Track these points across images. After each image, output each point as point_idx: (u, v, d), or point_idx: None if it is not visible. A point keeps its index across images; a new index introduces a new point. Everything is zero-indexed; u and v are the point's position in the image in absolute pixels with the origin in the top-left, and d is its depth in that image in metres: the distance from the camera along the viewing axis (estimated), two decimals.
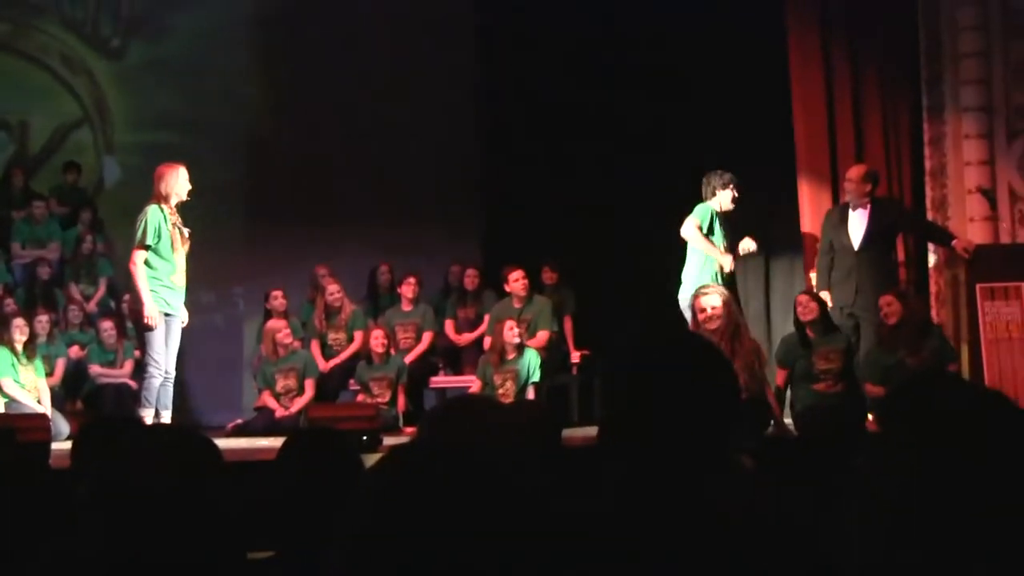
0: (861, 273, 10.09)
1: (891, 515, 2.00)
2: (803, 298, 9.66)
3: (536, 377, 10.56)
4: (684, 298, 9.99)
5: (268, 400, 10.98)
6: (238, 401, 12.67)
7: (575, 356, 11.87)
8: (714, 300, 9.02)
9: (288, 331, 11.17)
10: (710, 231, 10.37)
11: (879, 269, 10.21)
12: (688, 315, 9.58)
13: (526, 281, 11.37)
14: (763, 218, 11.17)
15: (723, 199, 10.44)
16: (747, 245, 10.53)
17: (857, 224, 10.28)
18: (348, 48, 13.73)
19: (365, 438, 8.33)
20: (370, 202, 13.44)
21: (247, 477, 3.20)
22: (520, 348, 10.64)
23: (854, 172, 10.54)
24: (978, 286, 9.42)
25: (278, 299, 12.00)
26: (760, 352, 9.38)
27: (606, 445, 2.38)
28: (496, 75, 13.66)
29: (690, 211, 10.57)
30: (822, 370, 9.24)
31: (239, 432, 10.60)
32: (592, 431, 7.81)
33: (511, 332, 10.59)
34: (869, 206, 10.31)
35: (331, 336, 11.65)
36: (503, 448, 2.99)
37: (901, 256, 11.26)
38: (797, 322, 9.58)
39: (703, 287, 9.43)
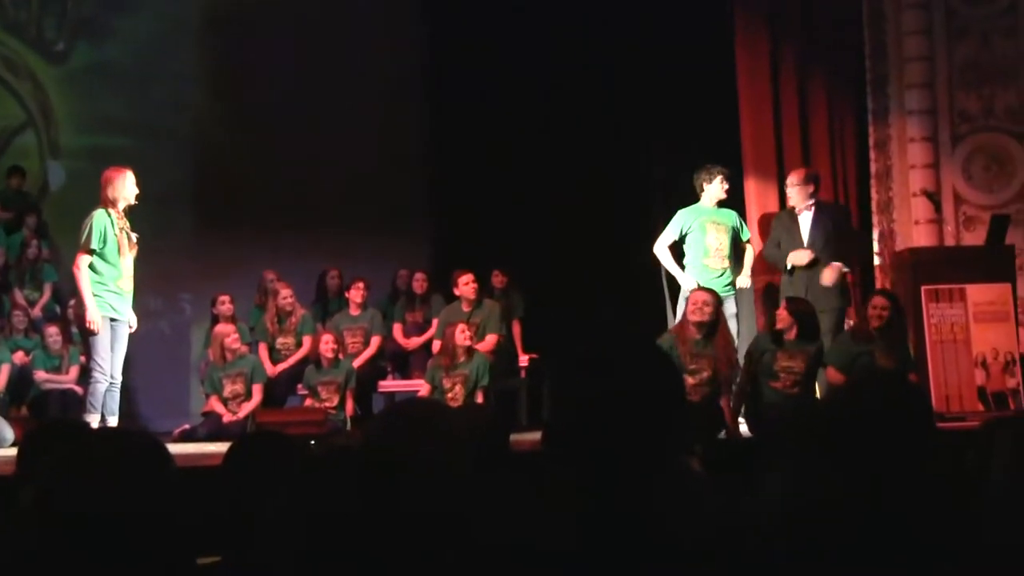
0: (811, 275, 10.16)
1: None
2: (780, 311, 9.61)
3: (485, 381, 10.55)
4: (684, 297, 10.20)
5: (215, 405, 10.91)
6: (185, 406, 12.61)
7: (523, 360, 11.89)
8: (707, 296, 9.12)
9: (236, 336, 11.11)
10: (685, 237, 10.45)
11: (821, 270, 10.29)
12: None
13: (476, 285, 11.37)
14: None
15: (712, 193, 10.46)
16: (742, 282, 10.61)
17: (804, 227, 10.34)
18: (297, 52, 13.69)
19: (313, 443, 8.31)
20: (319, 207, 13.42)
21: (194, 482, 3.19)
22: (470, 352, 10.62)
23: (796, 176, 10.59)
24: (923, 288, 9.47)
25: (225, 304, 11.97)
26: (734, 356, 9.43)
27: (551, 450, 2.39)
28: (446, 79, 13.68)
29: (638, 214, 10.66)
30: (783, 367, 9.22)
31: (186, 438, 10.52)
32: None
33: (462, 335, 10.57)
34: (813, 209, 10.38)
35: (279, 340, 11.60)
36: (449, 452, 3.00)
37: None
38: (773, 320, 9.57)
39: (700, 285, 9.61)
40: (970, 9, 11.69)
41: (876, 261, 11.77)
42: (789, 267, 10.21)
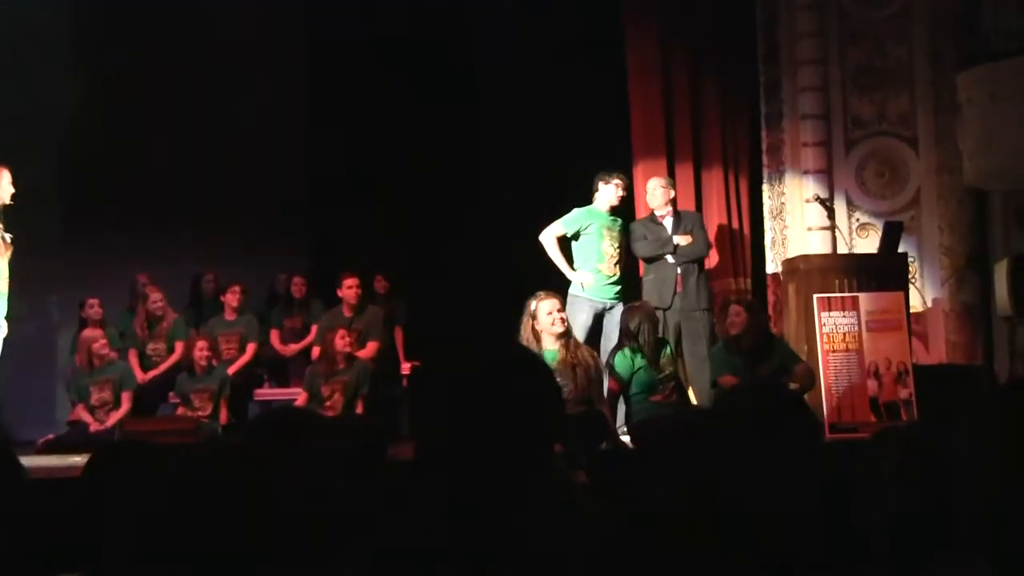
0: (687, 272, 10.34)
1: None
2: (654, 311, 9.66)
3: (365, 389, 10.50)
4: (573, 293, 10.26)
5: (82, 414, 10.75)
6: (51, 415, 12.38)
7: (406, 368, 11.86)
8: (558, 304, 9.02)
9: (104, 341, 10.95)
10: (578, 236, 10.45)
11: (694, 277, 10.42)
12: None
13: (359, 289, 11.31)
14: None
15: (605, 197, 10.49)
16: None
17: (668, 229, 10.49)
18: (173, 51, 13.51)
19: (183, 452, 8.20)
20: (195, 208, 13.25)
21: (53, 495, 3.13)
22: (350, 359, 10.57)
23: (656, 181, 10.77)
24: (816, 297, 9.55)
25: (94, 307, 11.77)
26: (598, 360, 9.37)
27: (423, 461, 2.36)
28: (325, 79, 13.60)
29: (526, 219, 10.66)
30: (661, 379, 9.26)
31: (51, 448, 10.32)
32: None
33: (343, 341, 10.51)
34: (672, 216, 10.55)
35: (150, 346, 11.47)
36: (321, 463, 2.97)
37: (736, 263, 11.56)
38: (636, 331, 9.43)
39: (541, 292, 9.41)
40: (863, 12, 11.84)
41: (770, 269, 11.86)
42: (672, 249, 10.37)
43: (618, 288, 10.42)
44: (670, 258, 10.43)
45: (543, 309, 8.97)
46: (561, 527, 2.21)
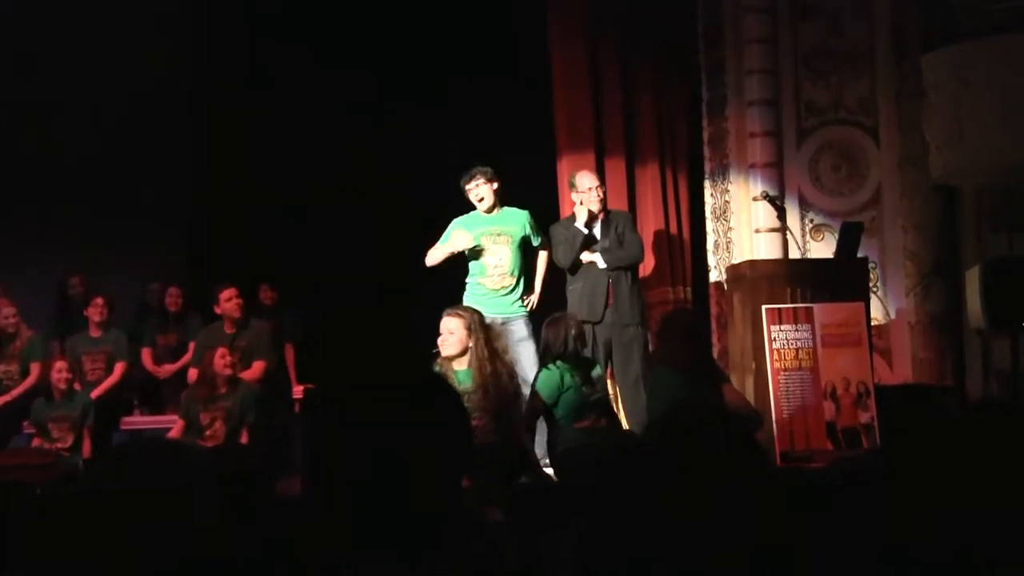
0: (616, 283, 10.27)
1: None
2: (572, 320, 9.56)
3: (251, 416, 10.43)
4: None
5: None
6: None
7: (298, 391, 11.81)
8: (451, 323, 8.91)
9: None
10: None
11: (626, 286, 10.38)
12: None
13: (240, 301, 11.22)
14: None
15: (472, 198, 10.46)
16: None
17: (595, 234, 10.43)
18: (44, 44, 13.43)
19: (39, 491, 8.14)
20: (57, 208, 13.17)
21: None
22: (233, 381, 10.50)
23: (589, 178, 10.66)
24: (764, 308, 9.55)
25: None
26: (516, 382, 9.26)
27: (315, 498, 2.36)
28: (208, 78, 13.58)
29: (435, 221, 10.65)
30: (593, 402, 9.15)
31: None
32: None
33: (223, 361, 10.44)
34: (603, 216, 10.49)
35: (1, 368, 11.37)
36: (195, 501, 2.95)
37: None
38: (564, 346, 9.29)
39: (451, 308, 9.37)
40: None
41: (713, 277, 11.89)
42: (582, 238, 10.32)
43: (514, 299, 10.33)
44: (600, 263, 10.34)
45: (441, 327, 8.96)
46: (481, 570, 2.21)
